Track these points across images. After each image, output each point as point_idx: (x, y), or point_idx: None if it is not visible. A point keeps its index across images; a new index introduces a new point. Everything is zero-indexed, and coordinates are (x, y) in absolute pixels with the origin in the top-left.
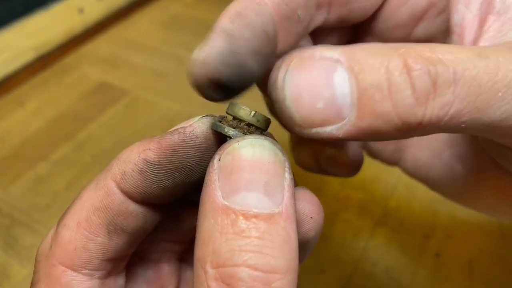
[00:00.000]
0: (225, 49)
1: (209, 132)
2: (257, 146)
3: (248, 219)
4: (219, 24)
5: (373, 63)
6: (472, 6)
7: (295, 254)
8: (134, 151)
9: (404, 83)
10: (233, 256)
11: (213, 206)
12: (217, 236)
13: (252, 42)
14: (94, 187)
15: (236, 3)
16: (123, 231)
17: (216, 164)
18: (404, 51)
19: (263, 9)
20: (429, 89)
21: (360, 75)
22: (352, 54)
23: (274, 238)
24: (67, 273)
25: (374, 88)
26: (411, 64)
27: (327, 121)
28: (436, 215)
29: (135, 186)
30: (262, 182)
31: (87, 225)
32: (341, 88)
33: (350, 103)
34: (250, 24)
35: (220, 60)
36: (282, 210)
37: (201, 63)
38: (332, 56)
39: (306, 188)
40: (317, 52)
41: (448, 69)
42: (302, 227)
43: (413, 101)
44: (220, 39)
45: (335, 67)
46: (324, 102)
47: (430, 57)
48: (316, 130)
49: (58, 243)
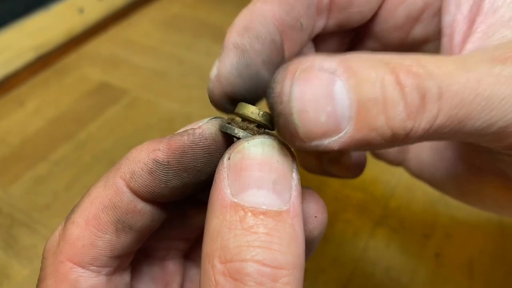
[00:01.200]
0: (239, 63)
1: (218, 134)
2: (266, 145)
3: (257, 215)
4: (229, 40)
5: (369, 77)
6: (463, 7)
7: (302, 251)
8: (144, 151)
9: (397, 98)
10: (241, 251)
11: (222, 203)
12: (226, 231)
13: (263, 53)
14: (103, 185)
15: (241, 18)
16: (131, 229)
17: (226, 163)
18: (393, 66)
19: (268, 21)
20: (418, 104)
21: (357, 89)
22: (349, 65)
23: (282, 234)
24: (75, 270)
25: (371, 102)
26: (403, 80)
27: (326, 134)
28: (436, 215)
29: (144, 186)
30: (271, 180)
31: (95, 222)
32: (340, 101)
33: (349, 116)
34: (258, 36)
35: (236, 74)
36: (289, 208)
37: (218, 79)
38: (330, 67)
39: (311, 188)
40: (316, 63)
41: (435, 84)
42: (307, 226)
43: (405, 115)
44: (233, 54)
45: (334, 79)
46: (326, 116)
47: (418, 72)
48: (316, 143)
49: (66, 239)
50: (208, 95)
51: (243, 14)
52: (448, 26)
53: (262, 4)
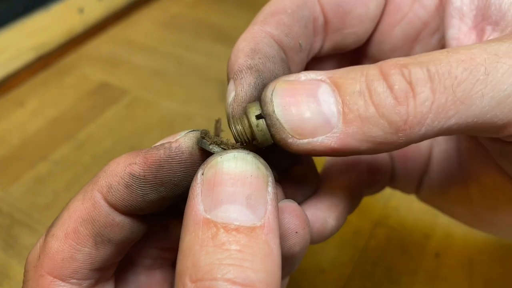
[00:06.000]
0: (257, 84)
1: (195, 148)
2: (239, 159)
3: (229, 232)
4: (241, 63)
5: (354, 76)
6: (467, 19)
7: (277, 267)
8: (121, 165)
9: (382, 86)
10: (212, 269)
11: (195, 219)
12: (197, 249)
13: (275, 71)
14: (81, 199)
15: (245, 41)
16: (110, 242)
17: (200, 178)
18: (381, 63)
19: (272, 41)
20: (406, 89)
21: (342, 86)
22: (334, 73)
23: (254, 251)
24: (55, 283)
25: (357, 94)
26: (386, 70)
27: (317, 131)
28: (436, 215)
29: (121, 199)
30: (244, 195)
31: (74, 236)
32: (326, 99)
33: (336, 111)
34: (268, 55)
35: (256, 94)
36: (264, 223)
37: (237, 101)
38: (316, 77)
39: (293, 202)
40: (302, 75)
41: (421, 68)
42: (287, 242)
43: (393, 101)
44: (249, 76)
45: (319, 84)
46: (310, 112)
47: (404, 63)
48: (308, 141)
49: (46, 253)
50: (228, 118)
51: (245, 37)
52: (454, 38)
53: (261, 26)
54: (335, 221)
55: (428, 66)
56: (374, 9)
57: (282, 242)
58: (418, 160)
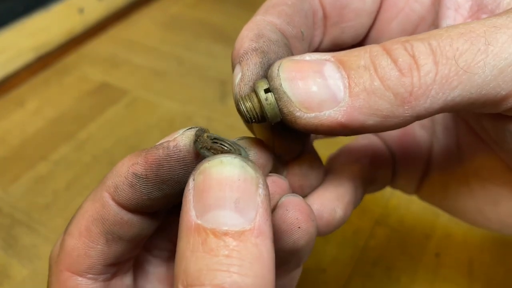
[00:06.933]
0: (262, 63)
1: (192, 146)
2: (226, 164)
3: (218, 237)
4: (245, 47)
5: (358, 53)
6: (462, 9)
7: (268, 271)
8: (125, 165)
9: (386, 60)
10: (200, 275)
11: (188, 225)
12: (188, 255)
13: (279, 53)
14: (92, 199)
15: (249, 29)
16: (121, 239)
17: (191, 184)
18: (383, 43)
19: (274, 29)
20: (409, 61)
21: (347, 62)
22: (338, 53)
23: (243, 255)
24: (73, 278)
25: (362, 69)
26: (388, 46)
27: (323, 104)
28: (436, 215)
29: (127, 198)
30: (233, 200)
31: (87, 234)
32: (331, 74)
33: (342, 85)
34: (272, 39)
35: (262, 73)
36: (254, 226)
37: (244, 81)
38: (321, 57)
39: (297, 196)
40: (307, 55)
41: (423, 43)
42: (291, 237)
43: (398, 73)
44: (255, 57)
45: (324, 62)
46: (317, 86)
47: (406, 39)
48: (316, 114)
49: (63, 250)
50: (236, 100)
51: (248, 26)
52: None
53: (263, 16)
54: (343, 211)
55: (429, 41)
56: (370, 3)
57: (286, 238)
58: (418, 157)
